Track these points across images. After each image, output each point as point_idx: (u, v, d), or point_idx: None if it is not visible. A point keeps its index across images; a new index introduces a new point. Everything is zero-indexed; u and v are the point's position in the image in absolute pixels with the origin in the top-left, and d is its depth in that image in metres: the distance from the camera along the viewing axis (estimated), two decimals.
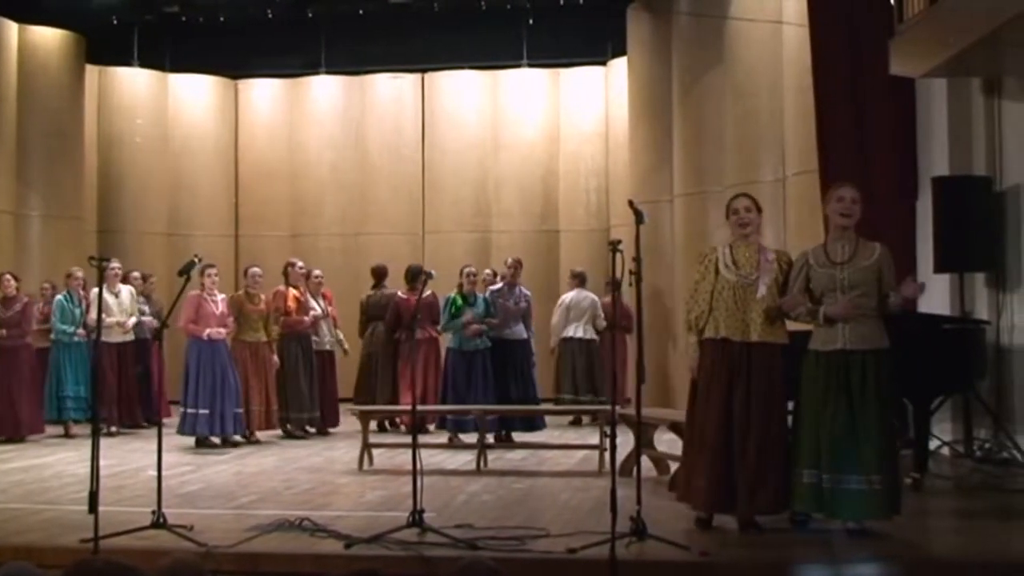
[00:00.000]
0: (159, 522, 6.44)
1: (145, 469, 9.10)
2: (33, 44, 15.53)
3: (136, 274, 13.53)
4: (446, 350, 11.67)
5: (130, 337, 12.53)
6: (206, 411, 11.09)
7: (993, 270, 9.46)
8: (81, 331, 12.32)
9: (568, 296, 13.79)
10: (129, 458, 10.19)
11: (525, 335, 11.90)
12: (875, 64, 9.77)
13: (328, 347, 12.73)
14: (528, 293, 12.15)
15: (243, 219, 17.99)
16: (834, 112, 10.38)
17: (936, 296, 9.80)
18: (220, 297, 11.52)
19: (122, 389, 12.45)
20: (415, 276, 12.31)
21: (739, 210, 6.64)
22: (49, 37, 15.72)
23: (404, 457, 9.79)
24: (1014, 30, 7.70)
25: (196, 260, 7.18)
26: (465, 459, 9.88)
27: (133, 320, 12.45)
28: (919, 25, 8.84)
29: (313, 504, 7.61)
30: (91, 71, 16.66)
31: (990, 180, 9.48)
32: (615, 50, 16.33)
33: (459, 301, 11.39)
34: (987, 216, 9.33)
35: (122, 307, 12.39)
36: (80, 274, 12.57)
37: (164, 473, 6.80)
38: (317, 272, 12.91)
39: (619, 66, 15.97)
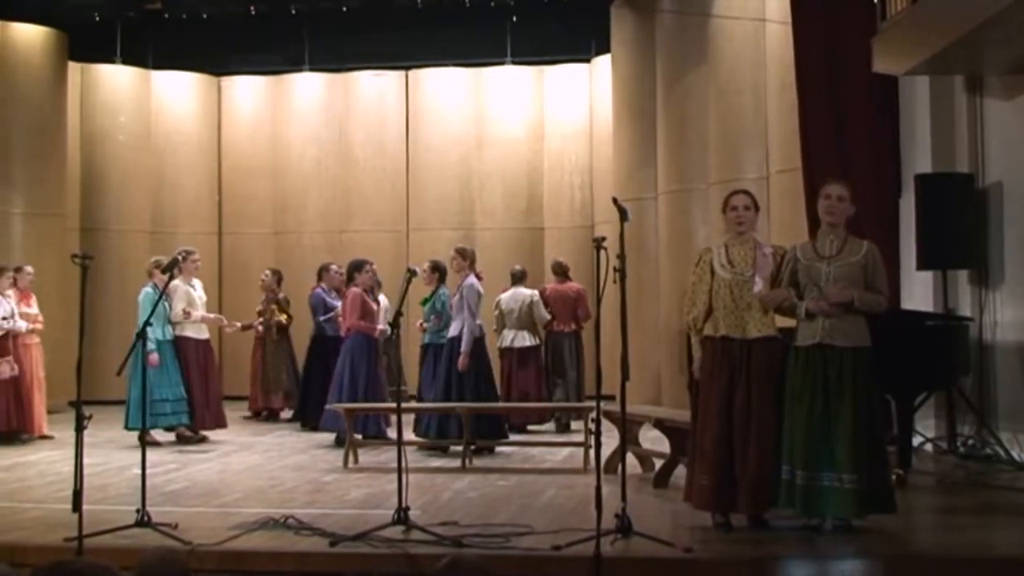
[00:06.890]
0: (143, 521, 6.44)
1: (130, 468, 9.08)
2: (15, 41, 15.43)
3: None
4: None
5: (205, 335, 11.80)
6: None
7: (976, 267, 9.50)
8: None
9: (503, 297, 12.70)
10: (113, 457, 10.13)
11: (451, 335, 10.57)
12: (858, 62, 9.80)
13: None
14: (469, 284, 10.51)
15: (226, 216, 17.92)
16: (817, 110, 10.41)
17: (919, 293, 9.85)
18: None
19: (210, 390, 11.60)
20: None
21: (737, 207, 6.65)
22: (31, 34, 15.62)
23: (389, 455, 9.81)
24: (995, 28, 7.72)
25: (179, 258, 7.16)
26: (450, 457, 9.89)
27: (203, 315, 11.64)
28: (901, 23, 8.88)
29: (298, 502, 7.61)
30: (73, 68, 16.54)
31: (972, 177, 9.53)
32: (599, 48, 16.33)
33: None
34: (970, 213, 9.37)
35: (203, 301, 11.70)
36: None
37: (148, 472, 6.79)
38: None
39: (603, 64, 15.97)
